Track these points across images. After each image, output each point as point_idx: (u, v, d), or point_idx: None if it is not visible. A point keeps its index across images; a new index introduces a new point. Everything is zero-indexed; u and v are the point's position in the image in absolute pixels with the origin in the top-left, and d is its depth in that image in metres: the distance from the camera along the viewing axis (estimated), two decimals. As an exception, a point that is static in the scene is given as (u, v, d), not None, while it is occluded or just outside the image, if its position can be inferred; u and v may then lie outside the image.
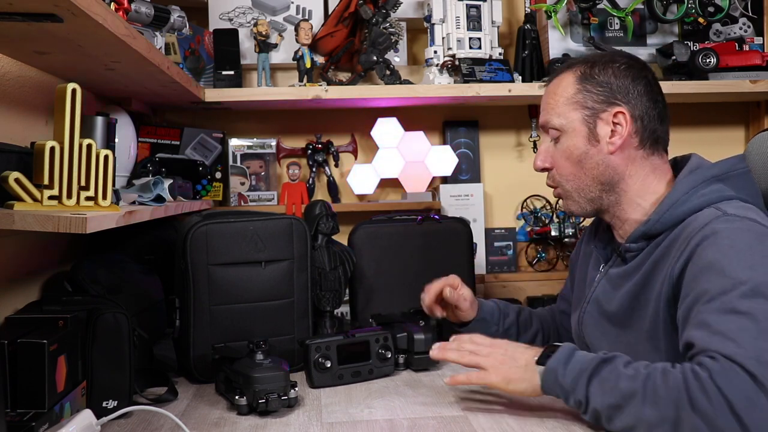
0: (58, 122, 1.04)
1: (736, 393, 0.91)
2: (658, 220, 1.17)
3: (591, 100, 1.24)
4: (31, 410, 0.99)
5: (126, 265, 1.50)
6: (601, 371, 1.04)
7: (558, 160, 1.27)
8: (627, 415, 0.99)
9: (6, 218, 0.95)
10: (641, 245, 1.20)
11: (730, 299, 0.98)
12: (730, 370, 0.92)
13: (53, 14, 0.94)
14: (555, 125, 1.26)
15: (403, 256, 1.73)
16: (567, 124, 1.25)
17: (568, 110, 1.25)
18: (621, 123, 1.22)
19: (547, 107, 1.28)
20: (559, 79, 1.28)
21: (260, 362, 1.20)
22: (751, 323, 0.96)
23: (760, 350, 0.93)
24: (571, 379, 1.06)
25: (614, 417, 1.01)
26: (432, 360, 1.40)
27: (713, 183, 1.16)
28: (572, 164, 1.25)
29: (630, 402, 0.99)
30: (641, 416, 0.97)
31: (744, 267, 1.01)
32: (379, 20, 1.93)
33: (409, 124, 2.14)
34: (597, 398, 1.03)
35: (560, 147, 1.26)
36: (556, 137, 1.27)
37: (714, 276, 1.02)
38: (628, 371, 1.01)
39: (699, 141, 2.20)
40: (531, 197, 2.22)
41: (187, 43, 1.92)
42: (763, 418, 0.90)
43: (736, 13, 2.15)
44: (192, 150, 1.95)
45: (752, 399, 0.90)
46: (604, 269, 1.30)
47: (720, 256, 1.03)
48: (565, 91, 1.26)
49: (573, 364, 1.07)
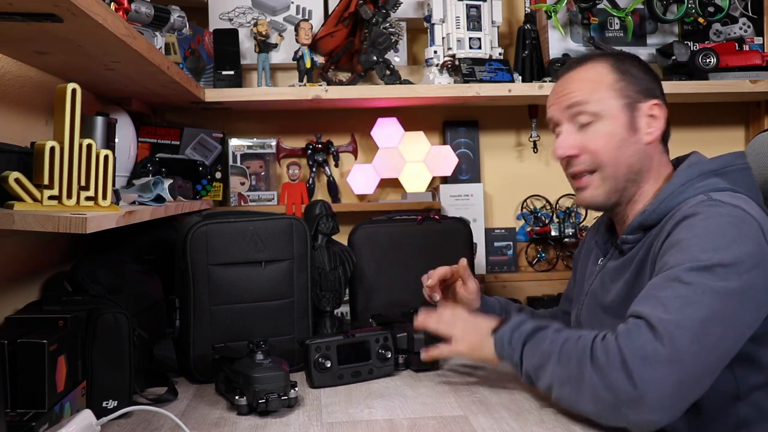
0: (58, 122, 1.04)
1: (632, 348, 0.96)
2: (653, 211, 1.19)
3: (630, 89, 1.24)
4: (31, 410, 0.99)
5: (126, 265, 1.50)
6: (535, 336, 1.13)
7: (592, 146, 1.23)
8: (547, 374, 1.08)
9: (6, 218, 0.95)
10: (637, 236, 1.21)
11: (680, 270, 1.02)
12: (636, 328, 0.97)
13: (53, 14, 0.94)
14: (591, 110, 1.23)
15: (403, 256, 1.73)
16: (606, 111, 1.22)
17: (607, 96, 1.23)
18: (657, 115, 1.24)
19: (578, 92, 1.24)
20: (590, 67, 1.26)
21: (260, 362, 1.20)
22: (688, 292, 0.99)
23: (683, 316, 0.97)
24: (513, 344, 1.15)
25: (539, 377, 1.11)
26: (432, 360, 1.40)
27: (710, 177, 1.18)
28: (612, 149, 1.22)
29: (548, 362, 1.08)
30: (554, 374, 1.06)
31: (707, 247, 1.03)
32: (379, 20, 1.93)
33: (409, 124, 2.14)
34: (527, 360, 1.12)
35: (595, 133, 1.23)
36: (587, 122, 1.23)
37: (677, 252, 1.05)
38: (555, 335, 1.10)
39: (699, 141, 2.19)
40: (531, 197, 2.22)
41: (187, 43, 1.92)
42: (654, 374, 0.94)
43: (736, 13, 2.15)
44: (192, 150, 1.95)
45: (648, 354, 0.94)
46: (602, 263, 1.31)
47: (690, 236, 1.06)
48: (603, 78, 1.24)
49: (518, 332, 1.16)
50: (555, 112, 1.28)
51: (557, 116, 1.27)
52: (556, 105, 1.28)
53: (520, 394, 1.24)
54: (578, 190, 1.27)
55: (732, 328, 1.00)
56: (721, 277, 0.99)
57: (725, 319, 0.99)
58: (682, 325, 0.96)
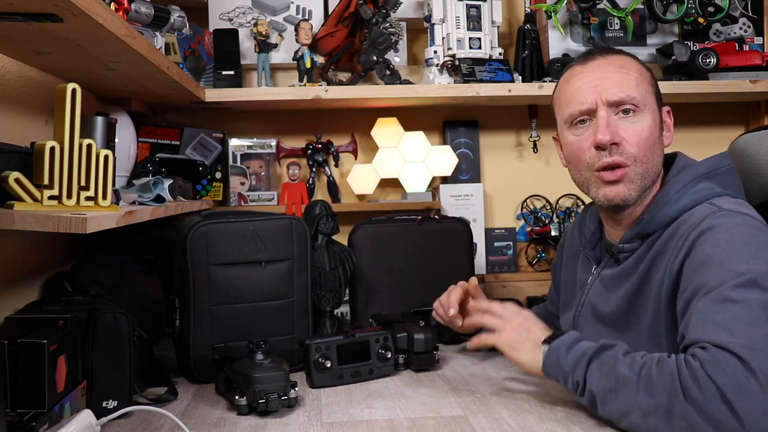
0: (58, 122, 1.04)
1: (726, 380, 0.92)
2: (651, 219, 1.18)
3: (657, 90, 1.24)
4: (31, 410, 0.99)
5: (126, 265, 1.50)
6: (601, 355, 1.06)
7: (631, 138, 1.17)
8: (621, 400, 1.01)
9: (6, 218, 0.95)
10: (634, 245, 1.20)
11: (725, 289, 1.00)
12: (721, 358, 0.94)
13: (53, 14, 0.94)
14: (637, 101, 1.17)
15: (403, 256, 1.73)
16: (649, 105, 1.19)
17: (647, 89, 1.20)
18: (669, 122, 1.25)
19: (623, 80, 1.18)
20: (624, 58, 1.22)
21: (260, 362, 1.20)
22: (744, 311, 0.97)
23: (753, 337, 0.94)
24: (572, 360, 1.09)
25: (608, 401, 1.03)
26: (432, 360, 1.40)
27: (702, 181, 1.18)
28: (648, 146, 1.18)
29: (624, 388, 1.01)
30: (635, 403, 0.99)
31: (741, 260, 1.02)
32: (379, 20, 1.93)
33: (409, 124, 2.14)
34: (594, 380, 1.05)
35: (636, 125, 1.18)
36: (630, 112, 1.18)
37: (712, 269, 1.03)
38: (627, 359, 1.03)
39: (699, 141, 2.19)
40: (531, 197, 2.22)
41: (187, 43, 1.92)
42: (754, 404, 0.90)
43: (736, 13, 2.15)
44: (192, 150, 1.95)
45: (743, 385, 0.91)
46: (596, 271, 1.29)
47: (718, 250, 1.04)
48: (639, 72, 1.21)
49: (577, 348, 1.10)
50: (591, 96, 1.19)
51: (593, 101, 1.18)
52: (594, 90, 1.19)
53: (520, 394, 1.24)
54: (608, 183, 1.18)
55: None
56: (763, 288, 0.99)
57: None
58: (756, 347, 0.93)
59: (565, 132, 1.25)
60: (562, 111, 1.25)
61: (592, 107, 1.19)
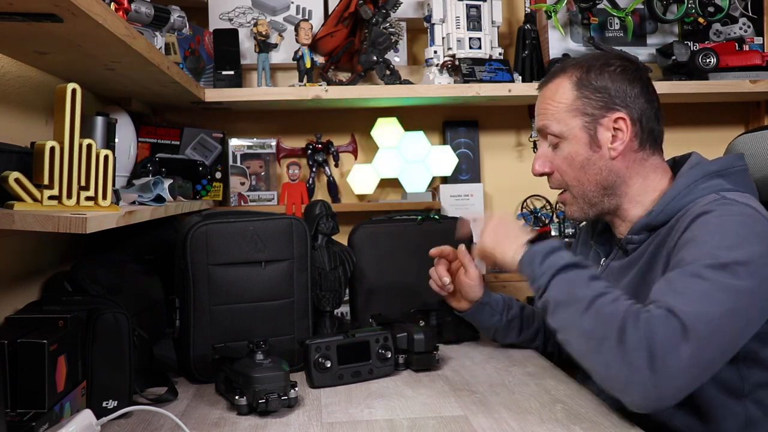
0: (58, 122, 1.04)
1: (660, 336, 0.96)
2: (661, 211, 1.19)
3: (590, 106, 1.24)
4: (31, 410, 0.98)
5: (126, 265, 1.50)
6: (570, 271, 1.12)
7: (560, 166, 1.28)
8: (565, 316, 1.08)
9: (6, 218, 0.95)
10: (643, 237, 1.22)
11: (698, 266, 1.02)
12: (666, 318, 0.97)
13: (53, 14, 0.94)
14: (554, 132, 1.26)
15: (403, 256, 1.73)
16: (567, 131, 1.25)
17: (567, 117, 1.25)
18: (621, 128, 1.23)
19: (545, 113, 1.28)
20: (555, 85, 1.28)
21: (260, 362, 1.20)
22: (706, 287, 1.00)
23: (704, 311, 0.98)
24: (544, 267, 1.14)
25: (556, 312, 1.10)
26: (432, 360, 1.40)
27: (714, 178, 1.19)
28: (575, 170, 1.26)
29: (574, 305, 1.06)
30: (576, 321, 1.06)
31: (723, 245, 1.04)
32: (379, 20, 1.93)
33: (409, 124, 2.14)
34: (552, 290, 1.12)
35: (561, 153, 1.27)
36: (555, 143, 1.27)
37: (693, 247, 1.06)
38: (591, 282, 1.08)
39: (699, 141, 2.19)
40: (531, 197, 2.22)
41: (187, 43, 1.92)
42: (675, 365, 0.94)
43: (736, 13, 2.15)
44: (192, 150, 1.95)
45: (675, 345, 0.95)
46: (605, 263, 1.31)
47: (704, 232, 1.07)
48: (563, 98, 1.26)
49: (553, 257, 1.15)
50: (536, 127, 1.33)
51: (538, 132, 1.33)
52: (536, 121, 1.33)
53: (520, 394, 1.24)
54: (561, 204, 1.34)
55: (742, 327, 1.02)
56: (736, 275, 1.01)
57: (738, 316, 1.00)
58: (702, 319, 0.97)
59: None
60: None
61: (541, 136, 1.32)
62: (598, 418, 1.10)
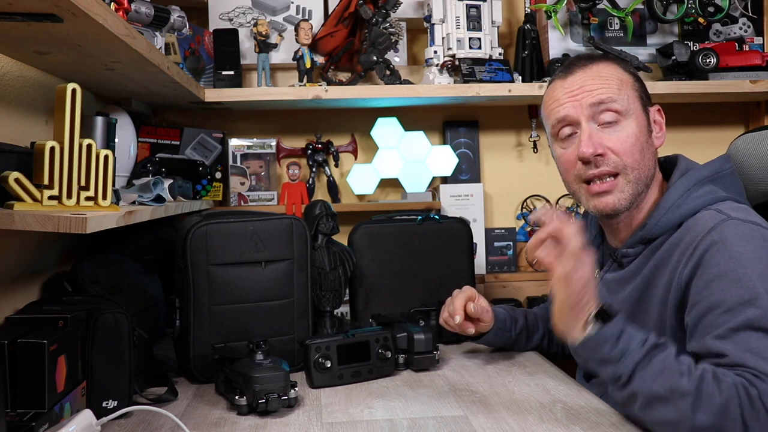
0: (58, 122, 1.04)
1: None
2: (655, 224, 1.17)
3: (643, 91, 1.22)
4: (31, 410, 0.99)
5: (126, 265, 1.50)
6: (653, 357, 0.99)
7: (616, 146, 1.16)
8: (672, 411, 0.96)
9: (6, 218, 0.95)
10: (638, 250, 1.20)
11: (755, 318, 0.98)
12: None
13: (53, 14, 0.94)
14: (618, 108, 1.16)
15: (403, 256, 1.73)
16: (632, 109, 1.18)
17: (629, 93, 1.19)
18: (660, 121, 1.23)
19: (605, 86, 1.17)
20: (603, 65, 1.21)
21: (260, 362, 1.20)
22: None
23: None
24: (620, 350, 1.00)
25: (654, 406, 0.98)
26: (432, 360, 1.40)
27: (705, 184, 1.17)
28: (635, 153, 1.16)
29: (679, 399, 0.96)
30: (688, 418, 0.95)
31: (757, 276, 1.01)
32: (379, 20, 1.93)
33: (409, 124, 2.14)
34: (642, 382, 0.99)
35: (618, 132, 1.17)
36: (613, 120, 1.17)
37: (728, 285, 1.02)
38: (681, 366, 0.98)
39: (699, 141, 2.20)
40: (531, 197, 2.22)
41: (187, 43, 1.92)
42: None
43: (736, 13, 2.15)
44: (192, 150, 1.95)
45: None
46: (599, 274, 1.29)
47: (733, 265, 1.03)
48: (622, 75, 1.20)
49: (625, 339, 1.00)
50: (572, 109, 1.19)
51: (575, 114, 1.18)
52: (574, 102, 1.18)
53: (520, 394, 1.24)
54: (598, 194, 1.18)
55: None
56: None
57: None
58: None
59: (554, 145, 1.26)
60: (548, 124, 1.26)
61: (574, 117, 1.19)
62: (598, 418, 1.10)
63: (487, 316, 1.42)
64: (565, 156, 1.22)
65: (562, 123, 1.21)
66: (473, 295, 1.42)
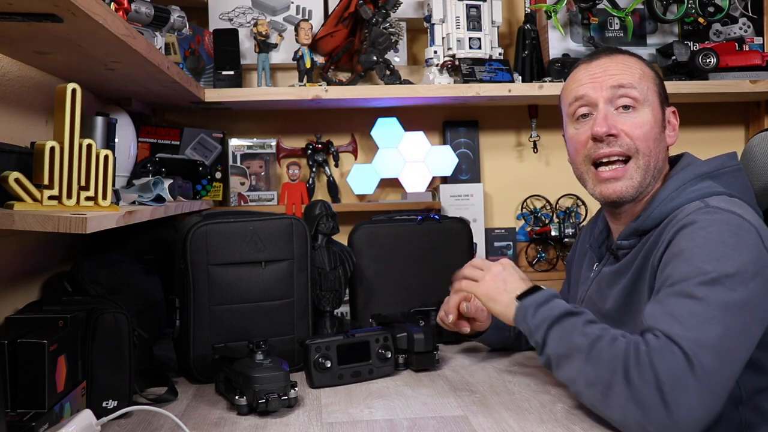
0: (58, 122, 1.04)
1: (666, 370, 0.94)
2: (648, 216, 1.18)
3: (662, 89, 1.24)
4: (31, 410, 0.99)
5: (126, 265, 1.50)
6: (564, 321, 1.09)
7: (630, 130, 1.18)
8: (571, 368, 1.06)
9: (6, 218, 0.95)
10: (632, 242, 1.20)
11: (689, 285, 1.01)
12: (668, 348, 0.96)
13: (53, 14, 0.94)
14: (637, 95, 1.18)
15: (403, 256, 1.73)
16: (649, 101, 1.20)
17: (649, 85, 1.21)
18: (674, 123, 1.25)
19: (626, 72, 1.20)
20: (629, 56, 1.24)
21: (260, 362, 1.20)
22: (701, 308, 0.98)
23: (703, 335, 0.96)
24: (538, 320, 1.12)
25: (561, 366, 1.08)
26: (432, 360, 1.40)
27: (703, 180, 1.17)
28: (648, 140, 1.18)
29: (575, 356, 1.05)
30: (582, 371, 1.04)
31: (711, 258, 1.02)
32: (379, 20, 1.93)
33: (409, 124, 2.14)
34: (552, 344, 1.09)
35: (634, 118, 1.18)
36: (629, 105, 1.18)
37: (680, 263, 1.04)
38: (586, 328, 1.06)
39: (699, 141, 2.20)
40: (531, 197, 2.22)
41: (187, 43, 1.92)
42: (686, 398, 0.93)
43: (736, 13, 2.15)
44: (192, 150, 1.95)
45: (680, 378, 0.94)
46: (598, 268, 1.30)
47: (691, 245, 1.05)
48: (644, 68, 1.23)
49: (545, 308, 1.12)
50: (592, 90, 1.20)
51: (594, 95, 1.20)
52: (595, 83, 1.20)
53: (520, 394, 1.24)
54: (608, 180, 1.19)
55: (746, 340, 1.00)
56: (729, 288, 0.99)
57: (739, 331, 0.98)
58: (704, 345, 0.95)
59: (569, 126, 1.28)
60: (566, 104, 1.28)
61: (593, 98, 1.21)
62: (598, 418, 1.10)
63: (483, 316, 1.42)
64: (577, 136, 1.23)
65: (580, 102, 1.22)
66: (469, 295, 1.42)
